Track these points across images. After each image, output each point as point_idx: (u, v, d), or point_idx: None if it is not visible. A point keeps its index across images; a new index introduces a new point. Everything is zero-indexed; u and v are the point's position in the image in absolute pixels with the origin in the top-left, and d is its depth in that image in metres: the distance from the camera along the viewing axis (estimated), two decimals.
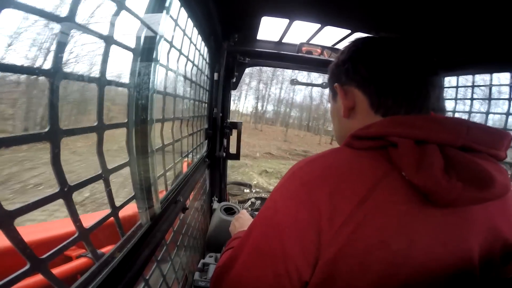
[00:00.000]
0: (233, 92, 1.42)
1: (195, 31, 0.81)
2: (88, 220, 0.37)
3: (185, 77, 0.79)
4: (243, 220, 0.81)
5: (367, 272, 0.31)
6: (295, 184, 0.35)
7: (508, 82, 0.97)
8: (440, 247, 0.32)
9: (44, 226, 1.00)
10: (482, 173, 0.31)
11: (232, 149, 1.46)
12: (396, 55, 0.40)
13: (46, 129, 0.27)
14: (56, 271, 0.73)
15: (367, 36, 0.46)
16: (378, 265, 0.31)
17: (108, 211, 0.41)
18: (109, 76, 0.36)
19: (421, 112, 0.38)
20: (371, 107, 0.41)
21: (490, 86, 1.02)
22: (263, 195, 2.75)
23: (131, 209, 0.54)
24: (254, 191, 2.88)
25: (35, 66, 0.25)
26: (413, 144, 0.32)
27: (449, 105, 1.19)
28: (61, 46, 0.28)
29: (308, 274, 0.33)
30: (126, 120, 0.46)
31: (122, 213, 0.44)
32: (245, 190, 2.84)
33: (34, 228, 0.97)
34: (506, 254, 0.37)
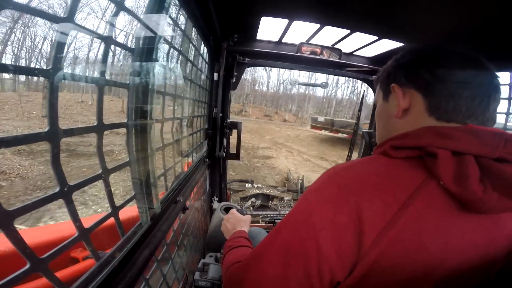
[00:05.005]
0: None
1: (195, 31, 0.81)
2: (90, 222, 0.37)
3: (184, 77, 0.79)
4: (234, 220, 0.81)
5: (402, 272, 0.33)
6: (332, 188, 0.36)
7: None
8: (473, 250, 0.34)
9: (49, 228, 0.99)
10: None
11: (232, 149, 1.46)
12: (463, 64, 0.40)
13: (46, 129, 0.27)
14: (62, 273, 0.74)
15: (431, 44, 0.46)
16: (414, 266, 0.33)
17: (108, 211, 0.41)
18: (109, 76, 0.37)
19: (477, 120, 0.39)
20: (427, 110, 0.41)
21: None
22: (264, 190, 2.77)
23: (134, 211, 0.54)
24: (256, 186, 2.90)
25: (34, 67, 0.25)
26: (451, 155, 0.34)
27: None
28: (60, 47, 0.28)
29: (342, 275, 0.34)
30: (126, 120, 0.46)
31: (125, 215, 0.44)
32: (246, 185, 2.86)
33: (39, 231, 0.97)
34: None
